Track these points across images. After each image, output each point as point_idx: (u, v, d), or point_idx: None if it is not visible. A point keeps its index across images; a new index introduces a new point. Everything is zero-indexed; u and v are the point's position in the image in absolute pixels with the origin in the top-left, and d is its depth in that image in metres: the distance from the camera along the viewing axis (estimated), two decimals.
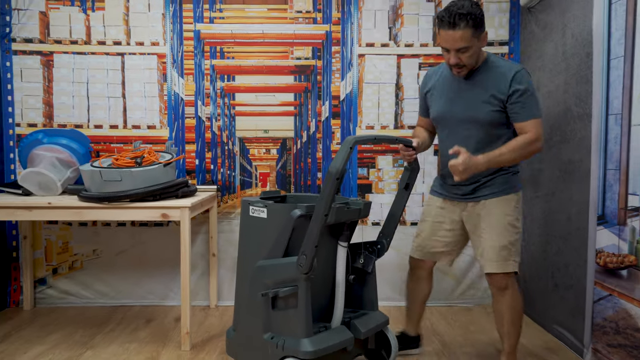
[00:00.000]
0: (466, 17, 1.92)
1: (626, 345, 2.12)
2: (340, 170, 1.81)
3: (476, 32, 1.97)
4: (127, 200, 2.49)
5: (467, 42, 1.97)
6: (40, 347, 2.56)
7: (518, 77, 2.04)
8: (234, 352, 2.23)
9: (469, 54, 2.01)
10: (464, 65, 2.05)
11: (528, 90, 2.04)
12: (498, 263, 2.15)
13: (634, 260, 2.08)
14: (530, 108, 2.05)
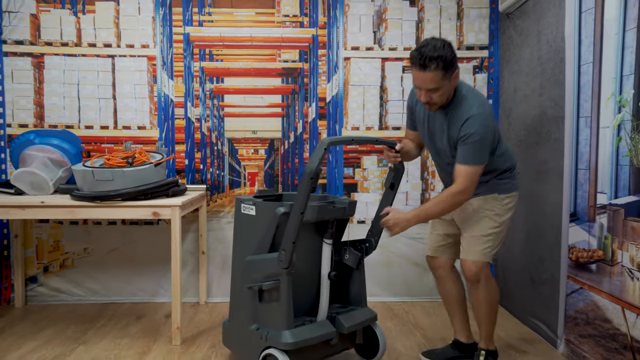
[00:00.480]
0: (436, 60, 1.95)
1: (595, 335, 2.25)
2: (314, 171, 1.90)
3: (446, 73, 1.99)
4: (119, 199, 2.56)
5: (436, 84, 2.00)
6: (33, 342, 2.62)
7: (470, 121, 2.04)
8: (229, 342, 2.36)
9: (439, 94, 2.04)
10: (435, 103, 2.09)
11: (474, 136, 2.03)
12: (468, 250, 2.23)
13: (602, 254, 2.21)
14: (468, 154, 2.05)
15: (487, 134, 2.05)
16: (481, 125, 2.04)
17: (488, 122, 2.07)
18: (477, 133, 2.03)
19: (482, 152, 2.07)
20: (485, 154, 2.08)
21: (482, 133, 2.04)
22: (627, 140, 2.02)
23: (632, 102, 1.99)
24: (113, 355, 2.47)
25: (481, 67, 3.37)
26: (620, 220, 2.07)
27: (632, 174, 2.01)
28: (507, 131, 3.22)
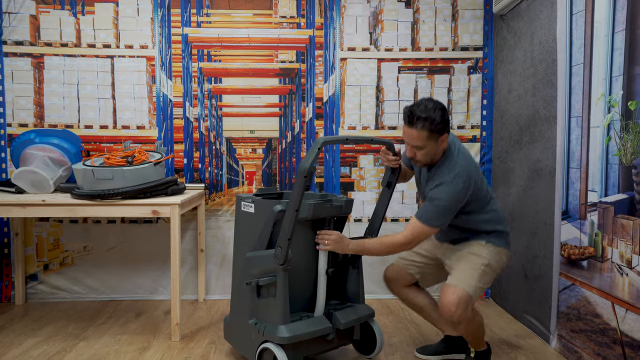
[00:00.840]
0: (424, 120, 2.01)
1: (586, 330, 2.30)
2: (308, 169, 1.96)
3: (432, 135, 2.04)
4: (119, 197, 2.59)
5: (421, 142, 2.06)
6: (34, 339, 2.66)
7: (440, 187, 2.08)
8: (229, 337, 2.42)
9: (423, 152, 2.09)
10: (419, 161, 2.15)
11: (438, 201, 2.07)
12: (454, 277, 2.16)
13: (593, 251, 2.26)
14: (426, 212, 2.09)
15: (451, 202, 2.06)
16: (449, 194, 2.05)
17: (456, 193, 2.06)
18: (442, 199, 2.06)
19: (439, 217, 2.08)
20: (442, 220, 2.09)
21: (446, 201, 2.05)
22: (617, 140, 2.07)
23: (621, 103, 2.04)
24: (113, 351, 2.51)
25: (476, 68, 3.42)
26: (610, 218, 2.12)
27: (621, 172, 2.06)
28: (501, 131, 3.27)
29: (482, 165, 3.45)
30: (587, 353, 2.28)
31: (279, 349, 2.07)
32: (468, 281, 2.11)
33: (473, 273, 2.13)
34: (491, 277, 2.20)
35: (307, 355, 2.22)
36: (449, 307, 2.07)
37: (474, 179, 2.11)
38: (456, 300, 2.06)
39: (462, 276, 2.14)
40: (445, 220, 2.11)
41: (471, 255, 2.18)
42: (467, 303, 2.08)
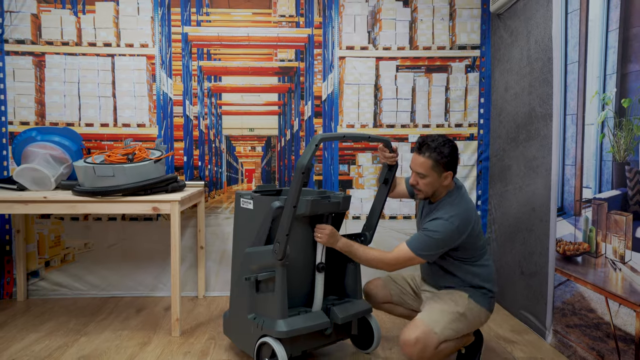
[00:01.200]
0: (432, 150, 2.11)
1: (581, 325, 2.33)
2: (306, 166, 1.99)
3: (436, 166, 2.11)
4: (120, 194, 2.62)
5: (424, 170, 2.12)
6: (36, 334, 2.69)
7: (435, 221, 2.10)
8: (229, 332, 2.45)
9: (425, 182, 2.15)
10: (420, 190, 2.18)
11: (430, 232, 2.07)
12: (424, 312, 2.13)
13: (588, 247, 2.29)
14: (417, 240, 2.09)
15: (443, 239, 2.06)
16: (443, 228, 2.06)
17: (450, 231, 2.06)
18: (435, 232, 2.07)
19: (428, 249, 2.08)
20: (430, 253, 2.09)
21: (439, 235, 2.06)
22: (610, 137, 2.10)
23: (614, 100, 2.07)
24: (114, 346, 2.54)
25: (473, 67, 3.45)
26: (604, 214, 2.15)
27: (614, 169, 2.09)
28: (498, 129, 3.30)
29: (480, 164, 3.48)
30: (582, 347, 2.31)
31: (277, 343, 2.11)
32: (437, 320, 2.06)
33: (444, 315, 2.08)
34: (464, 327, 2.11)
35: (306, 349, 2.25)
36: (408, 342, 2.01)
37: (472, 225, 2.11)
38: (418, 335, 2.01)
39: (432, 314, 2.09)
40: (433, 255, 2.10)
41: (450, 300, 2.15)
42: (429, 342, 2.00)
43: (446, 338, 2.05)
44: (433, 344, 2.01)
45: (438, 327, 2.04)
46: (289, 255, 2.12)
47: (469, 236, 2.11)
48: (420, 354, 2.02)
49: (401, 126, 3.46)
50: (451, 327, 2.07)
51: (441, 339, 2.03)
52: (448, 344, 2.07)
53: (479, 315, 2.16)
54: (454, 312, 2.10)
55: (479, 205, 3.49)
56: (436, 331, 2.03)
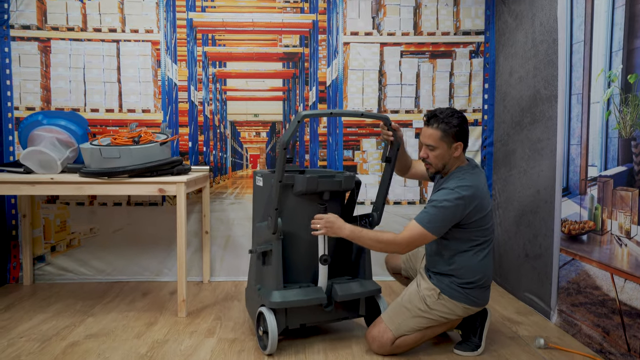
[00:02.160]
0: (440, 121, 2.12)
1: (586, 303, 2.34)
2: (286, 142, 2.06)
3: (445, 137, 2.11)
4: (126, 175, 2.64)
5: (433, 142, 2.13)
6: (43, 315, 2.71)
7: (442, 191, 2.10)
8: (247, 304, 2.56)
9: (435, 154, 2.15)
10: (430, 164, 2.19)
11: (438, 202, 2.07)
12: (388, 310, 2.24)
13: (593, 225, 2.30)
14: (426, 214, 2.08)
15: (449, 208, 2.05)
16: (449, 197, 2.05)
17: (456, 200, 2.05)
18: (441, 201, 2.06)
19: (437, 221, 2.06)
20: (440, 226, 2.07)
21: (445, 203, 2.05)
22: (616, 114, 2.11)
23: (620, 77, 2.08)
24: (121, 326, 2.56)
25: (477, 52, 3.45)
26: (610, 191, 2.16)
27: (620, 145, 2.09)
28: (503, 114, 3.31)
29: (484, 149, 3.49)
30: (587, 325, 2.32)
31: (269, 313, 2.18)
32: (393, 318, 2.18)
33: (402, 312, 2.17)
34: (426, 322, 2.16)
35: (304, 323, 2.30)
36: (368, 339, 2.24)
37: (478, 200, 2.09)
38: (374, 334, 2.20)
39: (391, 310, 2.22)
40: (441, 227, 2.07)
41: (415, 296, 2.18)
42: (383, 340, 2.17)
43: (402, 333, 2.17)
44: (388, 340, 2.17)
45: (393, 325, 2.17)
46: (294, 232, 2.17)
47: (476, 212, 2.09)
48: (379, 350, 2.21)
49: (405, 112, 3.47)
50: (408, 324, 2.16)
51: (396, 334, 2.17)
52: (407, 337, 2.18)
53: (451, 309, 2.16)
54: (413, 310, 2.16)
55: None
56: (391, 328, 2.17)
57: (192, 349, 2.28)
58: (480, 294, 2.19)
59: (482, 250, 2.16)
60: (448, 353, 2.26)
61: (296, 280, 2.32)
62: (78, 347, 2.29)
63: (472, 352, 2.24)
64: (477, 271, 2.15)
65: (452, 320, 2.22)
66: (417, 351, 2.26)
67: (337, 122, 3.45)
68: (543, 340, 2.30)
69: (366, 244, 2.17)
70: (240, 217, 3.45)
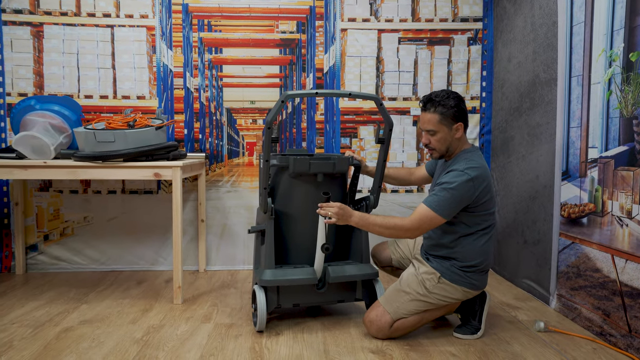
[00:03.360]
0: (436, 104, 2.08)
1: (586, 286, 2.32)
2: (270, 121, 2.09)
3: (444, 119, 2.09)
4: (121, 159, 2.59)
5: (433, 126, 2.10)
6: (36, 302, 2.66)
7: (451, 173, 2.06)
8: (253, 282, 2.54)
9: (436, 138, 2.12)
10: (434, 149, 2.16)
11: (447, 184, 2.03)
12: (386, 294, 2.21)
13: (593, 207, 2.28)
14: (435, 198, 2.03)
15: (460, 190, 2.01)
16: (458, 181, 2.01)
17: (467, 182, 2.02)
18: (451, 183, 2.02)
19: (448, 204, 2.02)
20: (450, 209, 2.03)
21: (455, 185, 2.01)
22: (617, 93, 2.09)
23: (622, 56, 2.06)
24: (116, 312, 2.52)
25: (475, 39, 3.43)
26: (611, 171, 2.14)
27: (621, 125, 2.08)
28: (501, 101, 3.29)
29: (482, 137, 3.47)
30: (587, 308, 2.31)
31: (260, 291, 2.22)
32: (391, 302, 2.15)
33: (400, 296, 2.14)
34: (425, 306, 2.14)
35: (297, 303, 2.30)
36: (366, 323, 2.21)
37: (487, 182, 2.07)
38: (372, 318, 2.17)
39: (389, 294, 2.18)
40: (452, 210, 2.03)
41: (414, 280, 2.15)
42: (382, 323, 2.15)
43: (400, 317, 2.15)
44: (386, 324, 2.14)
45: (391, 308, 2.15)
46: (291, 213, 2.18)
47: (484, 193, 2.06)
48: (377, 333, 2.18)
49: (403, 99, 3.44)
50: (406, 308, 2.14)
51: (395, 317, 2.14)
52: (406, 320, 2.15)
53: (450, 293, 2.14)
54: (412, 293, 2.14)
55: None
56: (389, 311, 2.15)
57: (188, 334, 2.24)
58: (480, 277, 2.18)
59: (485, 234, 2.14)
60: (448, 336, 2.24)
61: (296, 262, 2.33)
62: (72, 332, 2.25)
63: (472, 335, 2.21)
64: (479, 255, 2.13)
65: (451, 303, 2.20)
66: (416, 335, 2.24)
67: (335, 109, 3.42)
68: (543, 324, 2.28)
69: (374, 231, 2.10)
70: (237, 206, 3.41)
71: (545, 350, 2.09)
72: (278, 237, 2.32)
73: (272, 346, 2.11)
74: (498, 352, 2.06)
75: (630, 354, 2.00)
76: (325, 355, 2.03)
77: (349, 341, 2.17)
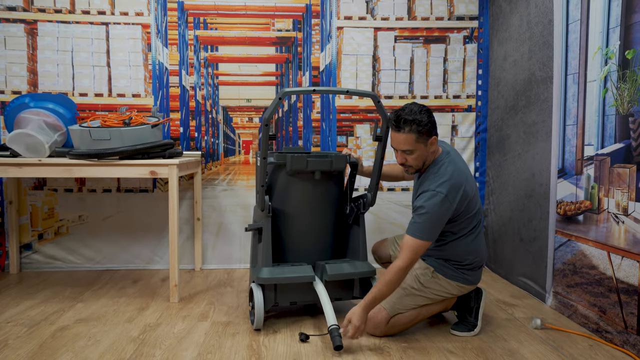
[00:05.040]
0: (411, 123, 2.01)
1: (582, 283, 2.34)
2: (267, 118, 2.07)
3: (420, 137, 2.03)
4: (116, 157, 2.58)
5: (410, 146, 2.05)
6: (31, 301, 2.64)
7: (424, 195, 2.04)
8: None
9: (413, 157, 2.08)
10: (410, 166, 2.13)
11: (422, 209, 2.01)
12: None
13: (589, 204, 2.29)
14: (416, 226, 2.01)
15: (436, 211, 2.00)
16: (432, 203, 2.00)
17: (442, 202, 2.00)
18: (425, 207, 2.00)
19: (429, 228, 2.00)
20: (432, 231, 2.01)
21: (430, 210, 1.99)
22: (613, 91, 2.10)
23: (618, 53, 2.07)
24: (112, 311, 2.50)
25: (471, 38, 3.44)
26: (607, 169, 2.15)
27: (617, 122, 2.09)
28: (497, 99, 3.30)
29: (477, 135, 3.48)
30: (583, 305, 2.32)
31: (257, 289, 2.21)
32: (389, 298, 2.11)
33: (395, 292, 2.11)
34: (420, 300, 2.15)
35: (294, 301, 2.29)
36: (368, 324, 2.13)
37: (462, 188, 2.05)
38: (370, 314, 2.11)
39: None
40: (433, 233, 2.02)
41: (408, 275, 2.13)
42: (378, 319, 2.13)
43: (397, 312, 2.14)
44: (383, 319, 2.13)
45: (387, 304, 2.13)
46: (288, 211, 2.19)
47: (462, 201, 2.05)
48: (374, 330, 2.17)
49: (399, 97, 3.44)
50: (402, 303, 2.14)
51: (391, 313, 2.14)
52: (402, 316, 2.15)
53: (445, 287, 2.16)
54: (407, 288, 2.15)
55: (477, 177, 3.48)
56: (385, 307, 2.13)
57: (185, 332, 2.23)
58: (474, 273, 2.20)
59: (472, 233, 2.15)
60: (445, 334, 2.24)
61: (293, 260, 2.34)
62: (67, 331, 2.23)
63: (469, 332, 2.22)
64: (470, 253, 2.15)
65: (447, 298, 2.21)
66: (413, 332, 2.24)
67: (331, 107, 3.42)
68: (539, 321, 2.29)
69: (387, 294, 2.05)
70: (233, 204, 3.40)
71: (542, 347, 2.09)
72: (275, 235, 2.32)
73: (269, 344, 2.10)
74: (495, 349, 2.07)
75: (627, 350, 2.01)
76: (322, 353, 2.02)
77: (347, 339, 2.16)
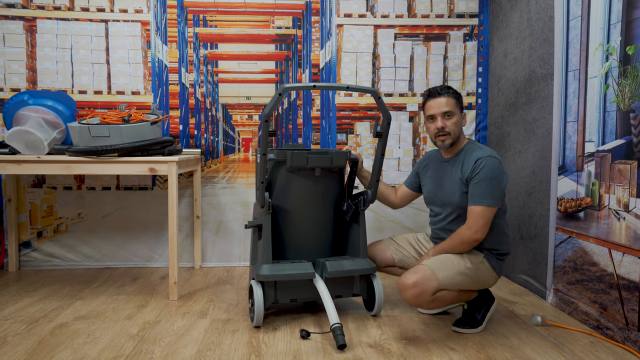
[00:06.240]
0: (449, 89, 2.20)
1: (583, 280, 2.33)
2: (267, 114, 2.06)
3: (458, 103, 2.20)
4: (115, 154, 2.57)
5: (451, 107, 2.17)
6: (29, 299, 2.63)
7: (482, 161, 2.08)
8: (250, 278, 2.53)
9: (453, 121, 2.17)
10: (448, 133, 2.17)
11: (487, 175, 2.05)
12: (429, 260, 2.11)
13: (590, 201, 2.28)
14: (481, 192, 2.05)
15: (499, 176, 2.07)
16: (494, 165, 2.07)
17: (499, 165, 2.09)
18: (491, 173, 2.06)
19: (496, 194, 2.06)
20: (499, 196, 2.07)
21: (491, 174, 2.05)
22: (614, 87, 2.10)
23: (619, 49, 2.07)
24: (111, 308, 2.49)
25: (471, 35, 3.44)
26: (608, 165, 2.15)
27: (618, 118, 2.08)
28: (497, 97, 3.29)
29: (477, 133, 3.47)
30: (584, 302, 2.31)
31: (257, 286, 2.20)
32: (440, 267, 2.04)
33: (450, 265, 2.06)
34: (467, 282, 2.10)
35: (294, 298, 2.28)
36: (406, 285, 1.98)
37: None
38: (417, 279, 1.97)
39: (437, 262, 2.07)
40: (500, 196, 2.09)
41: (461, 255, 2.12)
42: (427, 287, 1.98)
43: (446, 287, 2.03)
44: (431, 289, 1.99)
45: (440, 274, 2.02)
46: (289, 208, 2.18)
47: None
48: (416, 297, 1.99)
49: (399, 95, 3.44)
50: (454, 278, 2.05)
51: (441, 286, 2.01)
52: (447, 293, 2.05)
53: (487, 276, 2.18)
54: (461, 265, 2.09)
55: None
56: (438, 276, 2.01)
57: (184, 329, 2.23)
58: (503, 263, 2.26)
59: (504, 214, 2.20)
60: (446, 331, 2.23)
61: (293, 257, 2.34)
62: (66, 328, 2.22)
63: (471, 330, 2.21)
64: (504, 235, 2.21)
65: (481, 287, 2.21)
66: (414, 329, 2.24)
67: (331, 105, 3.41)
68: (540, 318, 2.28)
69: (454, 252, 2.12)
70: (232, 202, 3.39)
71: (543, 343, 2.09)
72: (275, 232, 2.31)
73: (269, 341, 2.10)
74: (496, 346, 2.06)
75: (628, 347, 2.00)
76: (323, 350, 2.02)
77: (347, 336, 2.15)
